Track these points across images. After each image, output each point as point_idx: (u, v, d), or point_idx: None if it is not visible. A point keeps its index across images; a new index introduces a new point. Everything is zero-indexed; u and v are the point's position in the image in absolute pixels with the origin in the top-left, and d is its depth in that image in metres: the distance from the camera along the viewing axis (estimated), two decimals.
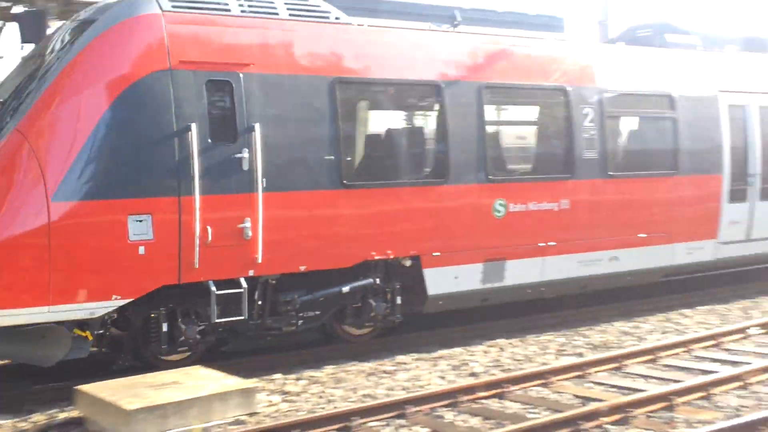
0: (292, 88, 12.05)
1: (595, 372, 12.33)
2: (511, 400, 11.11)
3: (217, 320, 11.49)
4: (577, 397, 11.28)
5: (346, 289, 12.87)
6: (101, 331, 11.24)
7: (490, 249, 14.02)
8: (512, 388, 11.41)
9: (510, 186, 14.22)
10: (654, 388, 11.08)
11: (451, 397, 10.91)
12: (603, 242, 15.44)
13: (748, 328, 14.45)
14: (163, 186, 10.99)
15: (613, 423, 10.00)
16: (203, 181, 11.15)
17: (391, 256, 13.05)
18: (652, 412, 10.36)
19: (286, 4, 12.42)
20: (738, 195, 17.29)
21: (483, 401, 11.05)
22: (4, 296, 10.17)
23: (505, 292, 14.61)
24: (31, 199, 10.32)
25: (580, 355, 13.58)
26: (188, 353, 11.95)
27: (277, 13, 12.29)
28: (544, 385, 11.75)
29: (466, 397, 10.97)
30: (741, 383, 11.34)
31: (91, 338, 11.05)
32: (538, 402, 11.03)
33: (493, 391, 11.26)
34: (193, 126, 11.11)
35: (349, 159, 12.78)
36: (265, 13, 12.18)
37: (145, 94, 10.97)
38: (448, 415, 10.47)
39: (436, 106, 13.67)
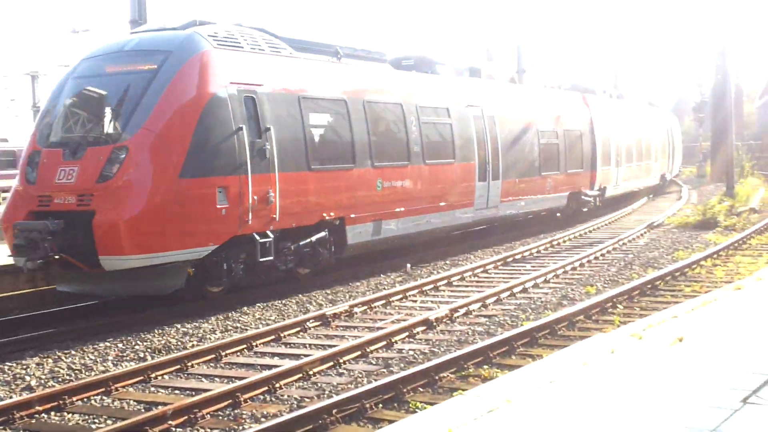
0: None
1: (159, 376, 12.02)
2: (71, 412, 10.44)
3: (260, 259, 16.80)
4: (141, 402, 10.89)
5: (314, 239, 18.53)
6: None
7: (375, 213, 20.46)
8: (72, 399, 10.72)
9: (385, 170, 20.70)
10: (219, 387, 10.99)
11: (5, 413, 9.97)
12: (423, 209, 22.18)
13: (306, 321, 14.93)
14: (231, 168, 16.04)
15: (180, 425, 9.79)
16: (251, 165, 16.36)
17: (333, 216, 18.89)
18: (218, 410, 10.29)
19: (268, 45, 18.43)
20: (482, 176, 25.03)
21: (41, 416, 10.24)
22: (153, 244, 14.97)
23: (381, 242, 21.17)
24: (176, 174, 15.22)
25: (142, 359, 13.16)
26: (222, 287, 17.30)
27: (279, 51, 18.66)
28: (106, 393, 11.20)
29: (22, 413, 10.09)
30: (302, 375, 11.63)
31: (191, 273, 16.02)
32: (101, 411, 10.49)
33: (52, 404, 10.50)
34: (243, 127, 16.30)
35: (311, 150, 18.25)
36: (272, 51, 18.37)
37: (217, 105, 16.00)
38: None
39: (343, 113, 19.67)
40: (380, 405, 10.07)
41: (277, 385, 11.14)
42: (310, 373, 11.73)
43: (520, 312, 15.63)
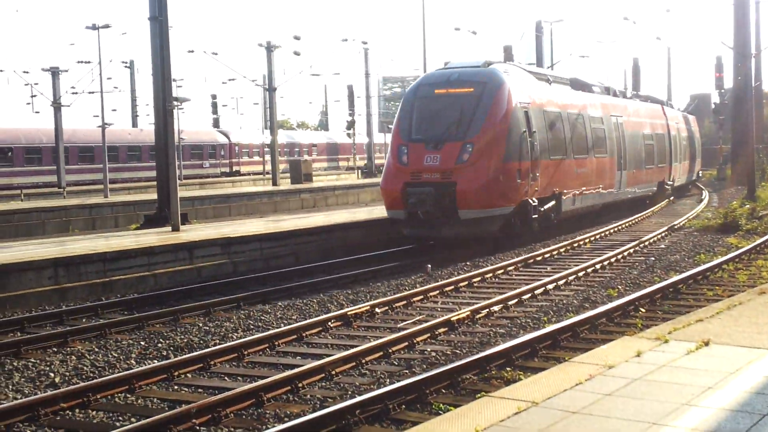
0: (545, 114, 26.82)
1: (182, 374, 12.04)
2: (96, 410, 10.47)
3: (533, 216, 25.25)
4: (164, 400, 10.93)
5: (549, 205, 26.68)
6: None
7: (573, 190, 28.82)
8: (96, 396, 10.76)
9: (578, 160, 29.54)
10: (241, 386, 11.00)
11: (30, 410, 10.02)
12: (594, 189, 31.04)
13: (327, 321, 14.94)
14: (521, 156, 24.47)
15: (204, 424, 9.79)
16: (530, 155, 25.02)
17: (556, 191, 27.26)
18: (241, 409, 10.29)
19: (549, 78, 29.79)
20: (619, 167, 33.63)
21: (66, 413, 10.29)
22: (488, 203, 23.55)
23: (575, 211, 29.49)
24: (500, 161, 23.77)
25: (165, 357, 13.20)
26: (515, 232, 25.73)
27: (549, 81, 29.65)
28: (129, 391, 11.23)
29: (46, 410, 10.14)
30: (324, 374, 11.63)
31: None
32: (125, 409, 10.51)
33: (76, 401, 10.54)
34: (525, 131, 24.90)
35: (550, 146, 26.92)
36: (528, 81, 27.71)
37: (515, 117, 24.55)
38: (27, 431, 9.59)
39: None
40: (403, 406, 10.05)
41: (300, 385, 11.14)
42: (333, 373, 11.72)
43: (542, 314, 15.57)
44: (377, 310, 16.09)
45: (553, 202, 26.89)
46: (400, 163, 24.24)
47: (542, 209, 25.92)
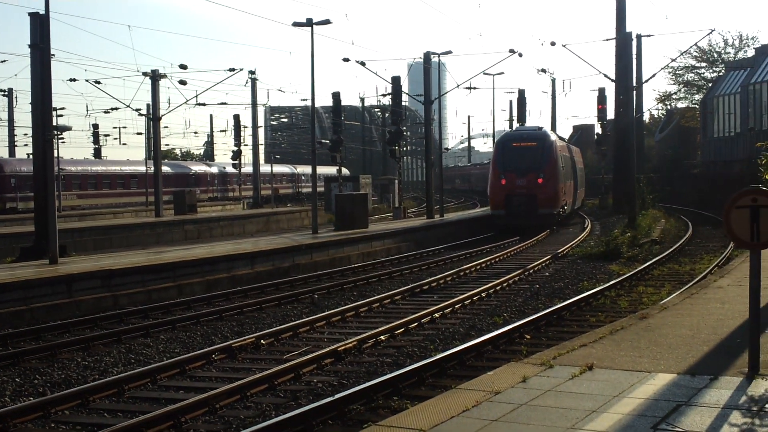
0: (562, 157, 46.05)
1: (59, 410, 11.55)
2: None
3: (563, 214, 45.89)
4: None
5: (567, 211, 47.84)
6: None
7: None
8: None
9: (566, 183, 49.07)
10: (121, 422, 10.59)
11: None
12: None
13: (211, 353, 14.58)
14: (561, 180, 43.79)
15: None
16: (563, 179, 44.67)
17: (564, 201, 45.50)
18: None
19: None
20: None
21: None
22: (553, 206, 42.59)
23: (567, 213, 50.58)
24: (558, 182, 43.11)
25: (42, 394, 12.64)
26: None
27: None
28: (2, 430, 10.69)
29: None
30: (208, 408, 11.32)
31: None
32: None
33: None
34: (562, 166, 44.59)
35: (564, 174, 46.73)
36: (557, 137, 50.07)
37: (558, 159, 43.61)
38: None
39: None
40: None
41: (183, 420, 10.81)
42: (217, 406, 11.42)
43: (429, 343, 15.56)
44: (263, 341, 15.81)
45: (565, 207, 45.78)
46: (501, 184, 42.49)
47: (565, 210, 46.00)
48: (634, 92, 49.56)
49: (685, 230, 40.56)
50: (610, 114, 65.31)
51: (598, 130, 69.77)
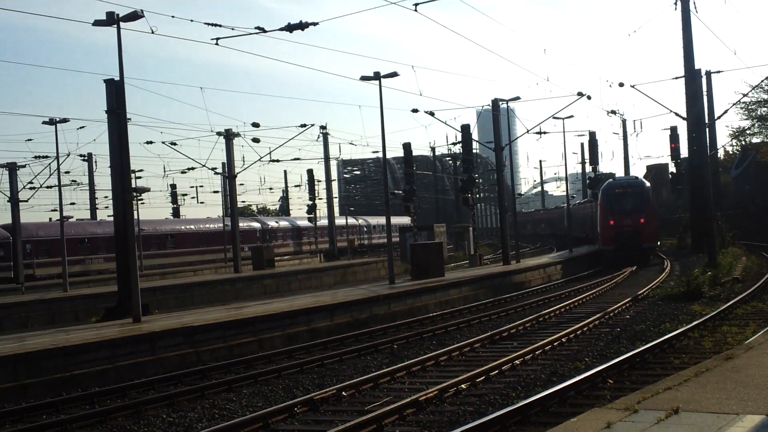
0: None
1: None
2: None
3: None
4: None
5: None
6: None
7: None
8: None
9: None
10: None
11: None
12: None
13: (294, 406, 14.67)
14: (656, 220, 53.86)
15: None
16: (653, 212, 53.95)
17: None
18: None
19: None
20: None
21: None
22: (653, 241, 52.10)
23: None
24: (656, 221, 53.10)
25: None
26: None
27: None
28: None
29: None
30: None
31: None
32: None
33: None
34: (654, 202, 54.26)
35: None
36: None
37: (654, 201, 54.29)
38: None
39: None
40: None
41: None
42: None
43: (510, 390, 15.44)
44: (344, 393, 15.86)
45: (659, 242, 54.82)
46: (610, 224, 50.45)
47: (659, 245, 54.67)
48: (707, 129, 48.88)
49: (767, 267, 39.61)
50: (684, 152, 64.44)
51: (672, 168, 68.89)
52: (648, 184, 53.83)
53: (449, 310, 30.11)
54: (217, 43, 25.76)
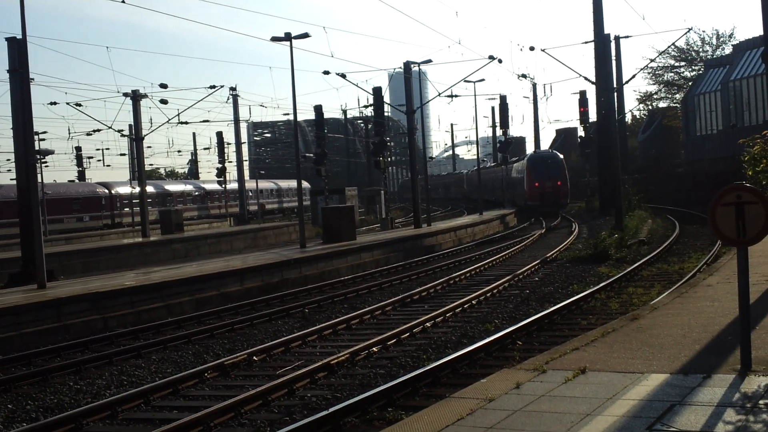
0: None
1: None
2: None
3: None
4: None
5: None
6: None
7: None
8: None
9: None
10: None
11: None
12: None
13: (204, 372, 14.51)
14: (568, 183, 67.31)
15: None
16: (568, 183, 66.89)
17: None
18: None
19: None
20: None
21: None
22: (567, 199, 66.16)
23: None
24: (567, 185, 65.12)
25: (34, 419, 12.56)
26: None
27: None
28: None
29: None
30: (203, 427, 11.26)
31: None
32: None
33: None
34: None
35: None
36: None
37: (566, 169, 67.55)
38: None
39: None
40: None
41: None
42: (211, 425, 11.37)
43: (421, 352, 15.55)
44: (255, 358, 15.77)
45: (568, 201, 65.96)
46: (535, 185, 62.14)
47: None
48: (615, 94, 49.80)
49: (672, 230, 40.70)
50: (593, 116, 65.54)
51: (581, 132, 70.09)
52: (561, 156, 66.72)
53: (361, 273, 30.18)
54: (123, 1, 25.10)
